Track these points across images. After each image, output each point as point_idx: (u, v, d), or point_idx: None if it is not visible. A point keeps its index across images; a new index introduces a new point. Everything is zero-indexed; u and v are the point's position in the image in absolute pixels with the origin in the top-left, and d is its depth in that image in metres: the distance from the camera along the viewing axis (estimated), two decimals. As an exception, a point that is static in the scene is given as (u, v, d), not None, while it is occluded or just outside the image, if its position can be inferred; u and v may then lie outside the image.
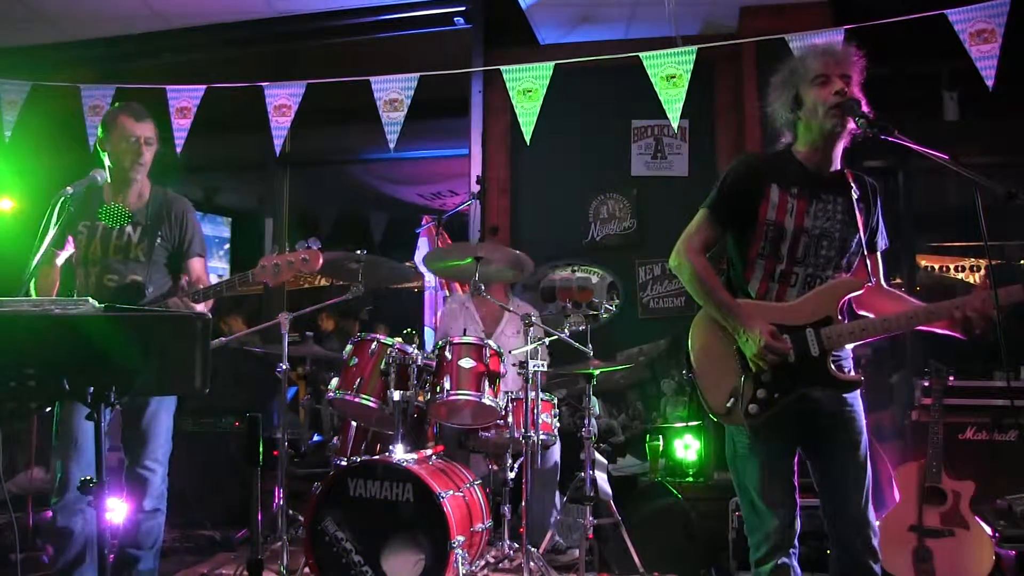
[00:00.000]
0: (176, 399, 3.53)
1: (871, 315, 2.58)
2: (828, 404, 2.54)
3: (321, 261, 3.28)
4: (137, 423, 3.39)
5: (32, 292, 3.39)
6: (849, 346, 2.56)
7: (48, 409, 3.30)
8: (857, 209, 2.57)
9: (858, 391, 2.57)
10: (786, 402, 2.48)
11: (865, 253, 2.61)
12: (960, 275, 6.61)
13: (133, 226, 3.48)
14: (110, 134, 3.45)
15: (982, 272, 6.28)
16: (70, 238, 3.49)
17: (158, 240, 3.49)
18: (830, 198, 2.58)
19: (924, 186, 5.74)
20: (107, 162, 3.48)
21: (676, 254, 2.66)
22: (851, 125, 2.47)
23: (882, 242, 2.70)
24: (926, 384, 4.07)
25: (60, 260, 3.54)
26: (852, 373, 2.57)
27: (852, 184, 2.60)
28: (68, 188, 3.11)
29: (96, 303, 2.14)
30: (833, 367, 2.50)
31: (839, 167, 2.62)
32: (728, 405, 2.51)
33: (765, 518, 2.53)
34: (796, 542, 2.54)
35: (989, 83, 4.08)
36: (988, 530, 3.77)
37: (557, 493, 4.49)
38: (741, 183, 2.61)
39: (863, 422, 2.58)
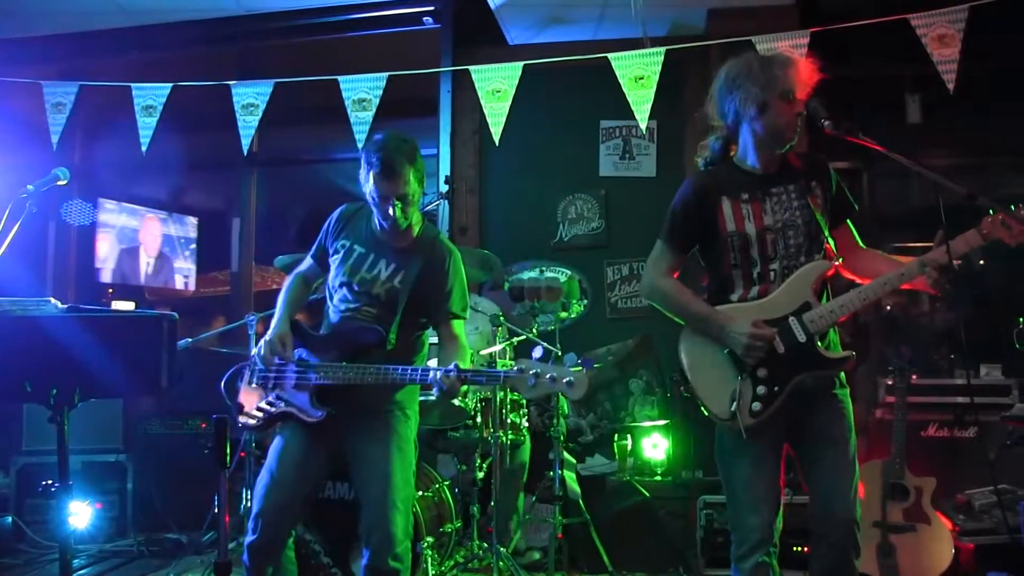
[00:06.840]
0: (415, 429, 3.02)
1: (861, 281, 2.60)
2: (820, 400, 2.57)
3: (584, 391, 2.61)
4: (370, 495, 2.84)
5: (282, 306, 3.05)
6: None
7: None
8: (810, 189, 2.60)
9: (848, 390, 2.62)
10: (786, 394, 2.49)
11: (830, 229, 2.62)
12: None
13: (386, 262, 2.99)
14: (366, 174, 2.97)
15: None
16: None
17: (413, 287, 2.92)
18: (781, 189, 2.61)
19: (888, 187, 5.83)
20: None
21: (645, 284, 2.73)
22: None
23: (846, 210, 2.70)
24: (889, 383, 4.13)
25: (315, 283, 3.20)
26: (843, 350, 2.59)
27: (799, 166, 2.64)
28: (29, 186, 3.06)
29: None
30: (822, 348, 2.53)
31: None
32: (732, 409, 2.51)
33: (748, 514, 2.55)
34: (776, 540, 2.55)
35: (950, 87, 4.16)
36: (948, 524, 3.84)
37: (522, 494, 4.48)
38: (691, 207, 2.65)
39: (852, 419, 2.61)
